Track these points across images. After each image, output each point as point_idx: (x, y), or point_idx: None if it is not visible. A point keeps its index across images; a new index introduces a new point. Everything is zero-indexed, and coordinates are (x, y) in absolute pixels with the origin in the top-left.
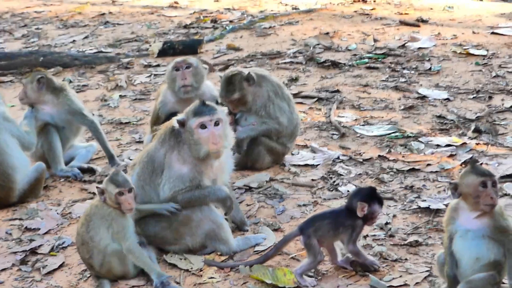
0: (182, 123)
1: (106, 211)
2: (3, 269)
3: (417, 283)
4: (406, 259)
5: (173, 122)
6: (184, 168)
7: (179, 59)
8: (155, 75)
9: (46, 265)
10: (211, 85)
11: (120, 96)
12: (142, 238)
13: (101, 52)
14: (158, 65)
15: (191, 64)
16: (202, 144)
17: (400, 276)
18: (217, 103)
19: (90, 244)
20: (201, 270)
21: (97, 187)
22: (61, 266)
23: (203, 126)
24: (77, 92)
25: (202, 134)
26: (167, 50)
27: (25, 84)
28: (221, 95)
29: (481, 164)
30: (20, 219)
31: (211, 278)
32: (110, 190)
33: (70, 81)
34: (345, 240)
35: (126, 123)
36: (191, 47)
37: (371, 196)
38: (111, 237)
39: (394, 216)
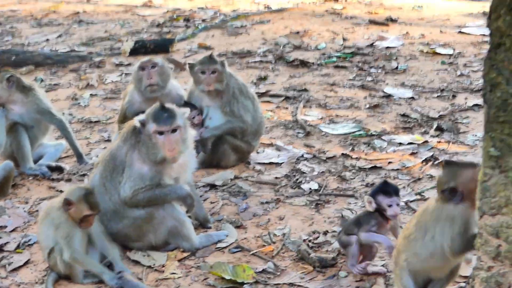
0: (143, 124)
1: (61, 215)
2: None
3: (374, 280)
4: None
5: (135, 121)
6: (145, 167)
7: (144, 59)
8: (126, 74)
9: (12, 262)
10: (178, 84)
11: (90, 95)
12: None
13: (74, 51)
14: (129, 64)
15: (157, 64)
16: (158, 149)
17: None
18: (185, 103)
19: (39, 239)
20: (163, 266)
21: (65, 199)
22: (26, 263)
23: (160, 132)
24: (48, 91)
25: (159, 140)
26: (139, 49)
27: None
28: (203, 66)
29: (441, 162)
30: None
31: (173, 273)
32: (81, 209)
33: (42, 80)
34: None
35: (95, 122)
36: (163, 46)
37: (376, 189)
38: (54, 239)
39: (354, 212)
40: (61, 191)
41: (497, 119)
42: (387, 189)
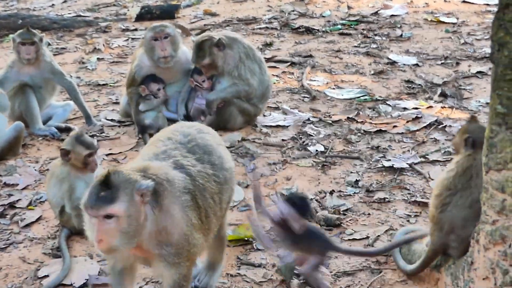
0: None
1: (63, 170)
2: None
3: (378, 236)
4: (369, 214)
5: None
6: None
7: (157, 27)
8: (132, 39)
9: (24, 218)
10: (187, 50)
11: (97, 59)
12: None
13: (80, 16)
14: (135, 29)
15: (169, 34)
16: (89, 234)
17: (362, 230)
18: (193, 71)
19: (49, 198)
20: None
21: (61, 149)
22: (38, 219)
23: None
24: (55, 54)
25: (90, 222)
26: (145, 15)
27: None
28: (192, 61)
29: (445, 126)
30: None
31: None
32: (79, 151)
33: (49, 44)
34: None
35: (103, 85)
36: (168, 12)
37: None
38: (62, 196)
39: (359, 174)
40: None
41: (504, 77)
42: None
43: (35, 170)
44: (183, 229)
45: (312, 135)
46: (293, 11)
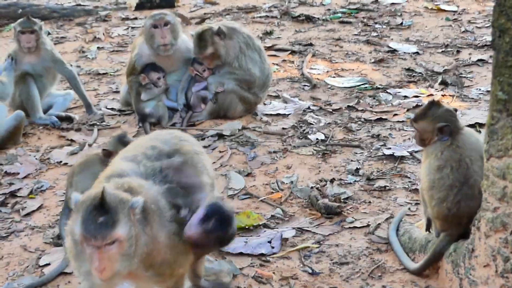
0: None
1: (101, 169)
2: None
3: (378, 224)
4: (370, 202)
5: None
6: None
7: (156, 15)
8: (132, 28)
9: (25, 207)
10: (187, 39)
11: (98, 48)
12: None
13: (80, 5)
14: (135, 18)
15: (169, 22)
16: (87, 263)
17: (363, 218)
18: (194, 60)
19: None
20: None
21: (103, 149)
22: (39, 208)
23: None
24: (55, 44)
25: (87, 251)
26: (145, 4)
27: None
28: (194, 52)
29: None
30: (0, 164)
31: None
32: None
33: (49, 33)
34: None
35: (103, 74)
36: (168, 1)
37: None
38: None
39: (360, 162)
40: (71, 140)
41: (506, 63)
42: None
43: (35, 159)
44: (172, 245)
45: (312, 124)
46: None
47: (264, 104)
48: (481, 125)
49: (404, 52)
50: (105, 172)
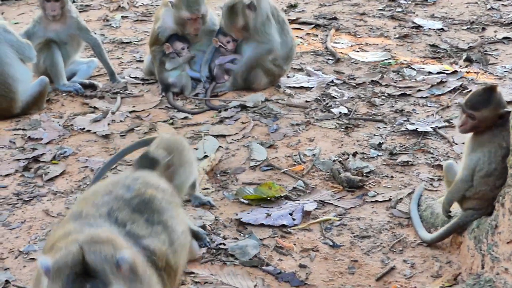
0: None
1: None
2: (7, 175)
3: (400, 199)
4: (392, 177)
5: None
6: None
7: (193, 6)
8: None
9: (48, 172)
10: (211, 11)
11: (122, 17)
12: None
13: None
14: None
15: (203, 14)
16: None
17: (385, 192)
18: (218, 32)
19: None
20: None
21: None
22: (62, 173)
23: None
24: (80, 12)
25: None
26: None
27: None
28: (225, 24)
29: (470, 91)
30: (23, 129)
31: (205, 188)
32: None
33: (73, 1)
34: None
35: (127, 42)
36: None
37: None
38: None
39: (383, 136)
40: (94, 108)
41: None
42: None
43: (59, 125)
44: None
45: (335, 97)
46: None
47: (288, 76)
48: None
49: (429, 28)
50: (66, 224)
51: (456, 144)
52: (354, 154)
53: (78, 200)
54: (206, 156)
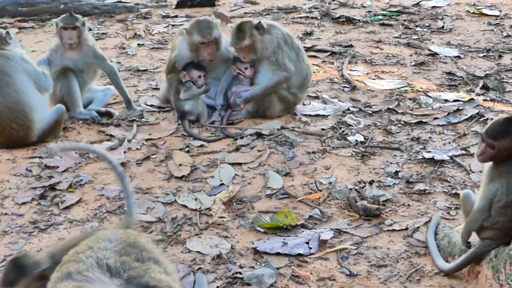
0: None
1: None
2: (24, 203)
3: (417, 227)
4: (409, 205)
5: None
6: None
7: (204, 30)
8: (172, 25)
9: (64, 200)
10: (227, 39)
11: (138, 44)
12: None
13: (121, 2)
14: (176, 16)
15: (216, 38)
16: None
17: (402, 221)
18: (235, 59)
19: None
20: (209, 210)
21: None
22: (78, 202)
23: None
24: (96, 40)
25: None
26: (185, 2)
27: (72, 28)
28: (232, 43)
29: (486, 119)
30: (40, 157)
31: (221, 217)
32: None
33: (90, 29)
34: None
35: (143, 70)
36: None
37: None
38: None
39: (399, 164)
40: (110, 135)
41: None
42: None
43: (75, 153)
44: None
45: (352, 125)
46: (333, 0)
47: (304, 104)
48: None
49: (445, 56)
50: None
51: (473, 172)
52: (371, 183)
53: (58, 267)
54: (222, 184)
